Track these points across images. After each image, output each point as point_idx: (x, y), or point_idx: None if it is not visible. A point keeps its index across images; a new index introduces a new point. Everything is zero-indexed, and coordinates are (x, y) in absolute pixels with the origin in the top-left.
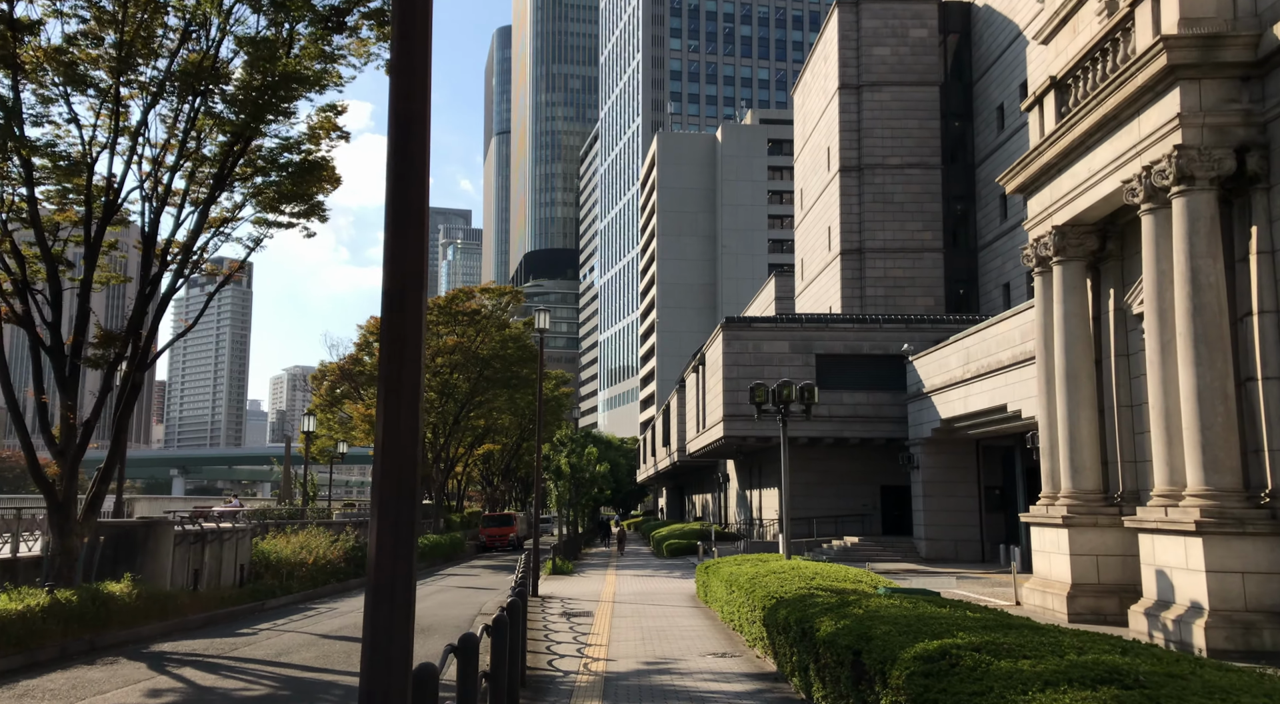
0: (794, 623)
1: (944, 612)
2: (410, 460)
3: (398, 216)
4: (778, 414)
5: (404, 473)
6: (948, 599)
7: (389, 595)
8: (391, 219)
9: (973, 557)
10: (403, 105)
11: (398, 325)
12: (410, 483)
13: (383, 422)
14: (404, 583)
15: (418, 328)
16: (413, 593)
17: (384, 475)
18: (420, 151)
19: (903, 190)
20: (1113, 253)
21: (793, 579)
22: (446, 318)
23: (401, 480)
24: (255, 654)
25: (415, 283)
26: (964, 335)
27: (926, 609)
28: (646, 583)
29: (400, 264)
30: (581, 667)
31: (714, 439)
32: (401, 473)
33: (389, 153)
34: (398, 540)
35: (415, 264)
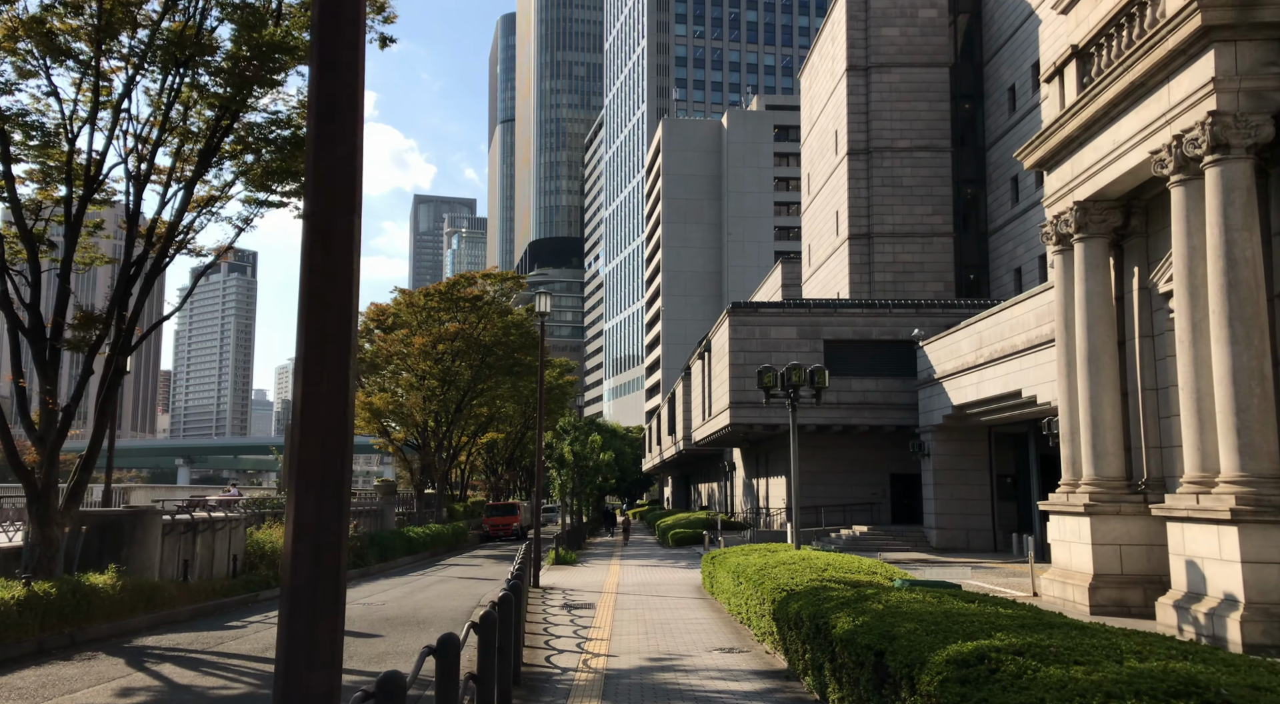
0: (807, 618)
1: (972, 607)
2: (340, 429)
3: (322, 117)
4: (786, 399)
5: (332, 443)
6: (970, 592)
7: (308, 607)
8: (315, 121)
9: (984, 546)
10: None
11: (323, 259)
12: (339, 455)
13: (302, 380)
14: (329, 586)
15: (349, 262)
16: (341, 599)
17: (303, 446)
18: (351, 29)
19: (912, 174)
20: (1137, 229)
21: (803, 570)
22: (448, 304)
23: (327, 452)
24: (241, 649)
25: (346, 203)
26: (976, 319)
27: (952, 604)
28: (651, 573)
29: (327, 179)
30: (581, 663)
31: (720, 427)
32: (328, 443)
33: (312, 34)
34: (321, 529)
35: (346, 179)
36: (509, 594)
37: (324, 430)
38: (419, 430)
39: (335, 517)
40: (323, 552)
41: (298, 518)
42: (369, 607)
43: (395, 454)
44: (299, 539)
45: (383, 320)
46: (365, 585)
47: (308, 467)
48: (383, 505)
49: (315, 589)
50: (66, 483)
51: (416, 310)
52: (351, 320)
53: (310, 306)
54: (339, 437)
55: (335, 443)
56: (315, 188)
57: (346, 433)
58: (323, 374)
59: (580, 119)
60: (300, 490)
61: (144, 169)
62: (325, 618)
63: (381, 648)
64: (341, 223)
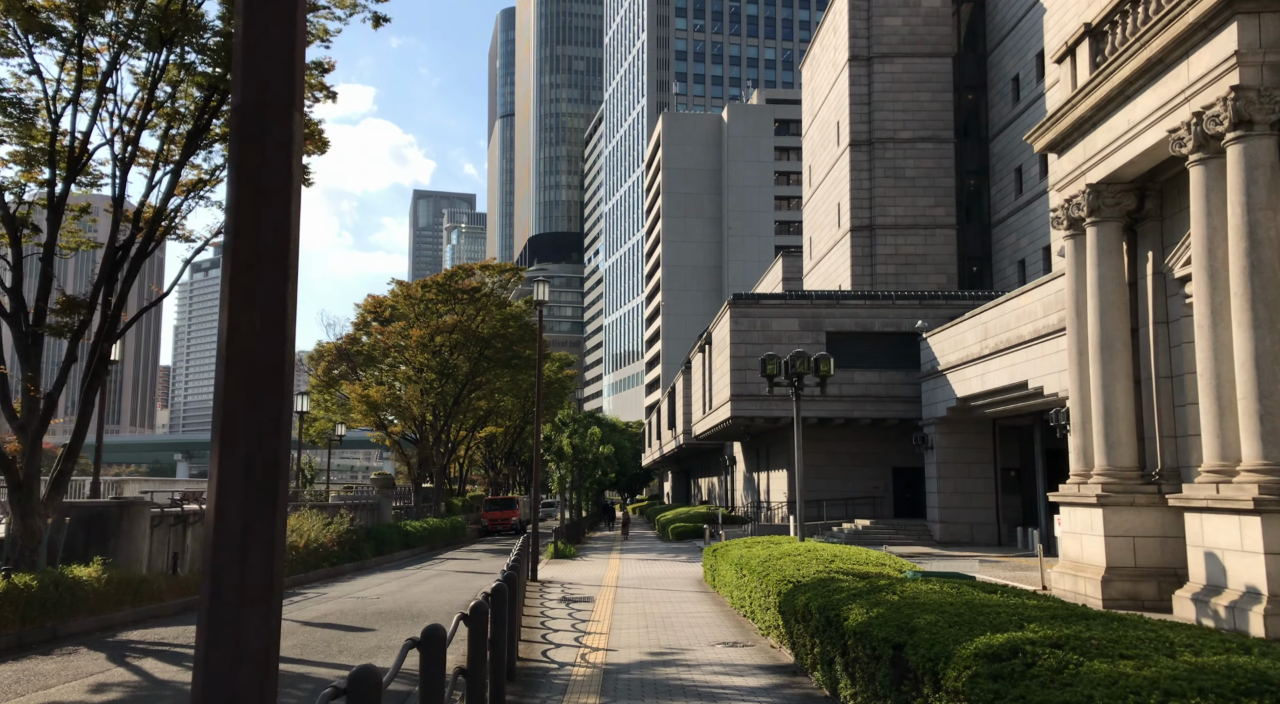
0: (816, 611)
1: (995, 598)
2: (276, 371)
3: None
4: (790, 388)
5: (266, 390)
6: (989, 583)
7: (234, 592)
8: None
9: (989, 540)
10: None
11: (256, 164)
12: (275, 406)
13: (228, 308)
14: (260, 567)
15: (287, 168)
16: (276, 584)
17: (229, 393)
18: None
19: (914, 165)
20: (1151, 212)
21: (810, 562)
22: (446, 296)
23: (261, 401)
24: None
25: (282, 96)
26: (981, 310)
27: (973, 595)
28: (651, 567)
29: (259, 66)
30: (579, 658)
31: (721, 420)
32: (261, 389)
33: None
34: (252, 497)
35: (283, 66)
36: (503, 585)
37: (256, 373)
38: (416, 424)
39: (270, 481)
40: (254, 527)
41: (222, 481)
42: (362, 600)
43: (393, 448)
44: (223, 509)
45: (380, 312)
46: (360, 579)
47: (236, 418)
48: (379, 499)
49: (243, 570)
50: (50, 473)
51: (414, 302)
52: (291, 238)
53: (240, 220)
54: (275, 383)
55: (270, 390)
56: (246, 76)
57: (284, 377)
58: (254, 302)
59: (580, 114)
60: (225, 448)
61: (129, 151)
62: (253, 605)
63: (373, 642)
64: (278, 119)
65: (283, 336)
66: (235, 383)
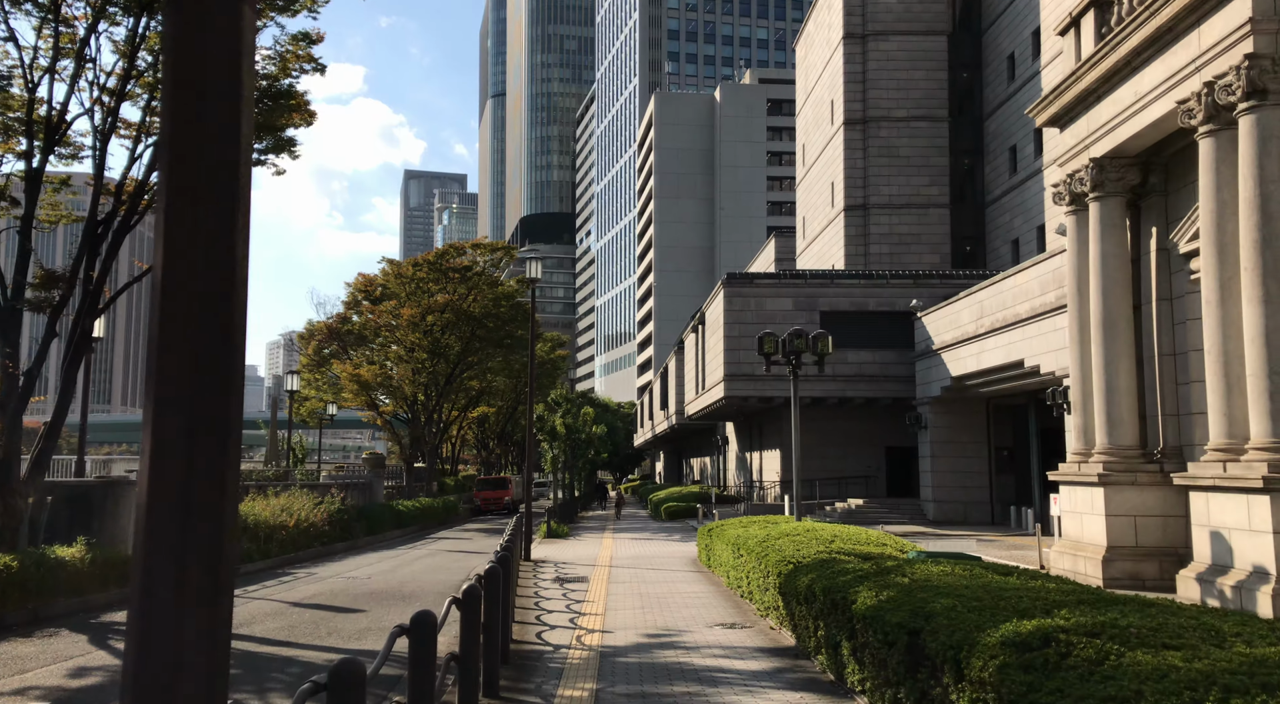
0: (821, 593)
1: (1013, 581)
2: (227, 303)
3: None
4: (788, 366)
5: (211, 330)
6: (1000, 565)
7: (170, 585)
8: None
9: (982, 519)
10: None
11: (196, 61)
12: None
13: (165, 224)
14: (204, 556)
15: (235, 71)
16: (228, 577)
17: (165, 334)
18: None
19: (908, 144)
20: (1155, 187)
21: (809, 542)
22: (437, 275)
23: (204, 344)
24: None
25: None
26: (977, 289)
27: (988, 578)
28: (645, 547)
29: None
30: (575, 640)
31: (714, 400)
32: (204, 328)
33: None
34: (194, 466)
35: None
36: (496, 567)
37: (200, 319)
38: (408, 403)
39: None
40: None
41: (156, 454)
42: (353, 580)
43: (384, 427)
44: (158, 488)
45: (370, 291)
46: (351, 558)
47: (174, 374)
48: (371, 478)
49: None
50: (30, 452)
51: (405, 281)
52: (242, 156)
53: (178, 131)
54: (222, 331)
55: (217, 340)
56: None
57: (234, 325)
58: (197, 232)
59: (572, 93)
60: (160, 407)
61: (109, 122)
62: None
63: (363, 623)
64: (223, 7)
65: (231, 276)
66: (173, 332)
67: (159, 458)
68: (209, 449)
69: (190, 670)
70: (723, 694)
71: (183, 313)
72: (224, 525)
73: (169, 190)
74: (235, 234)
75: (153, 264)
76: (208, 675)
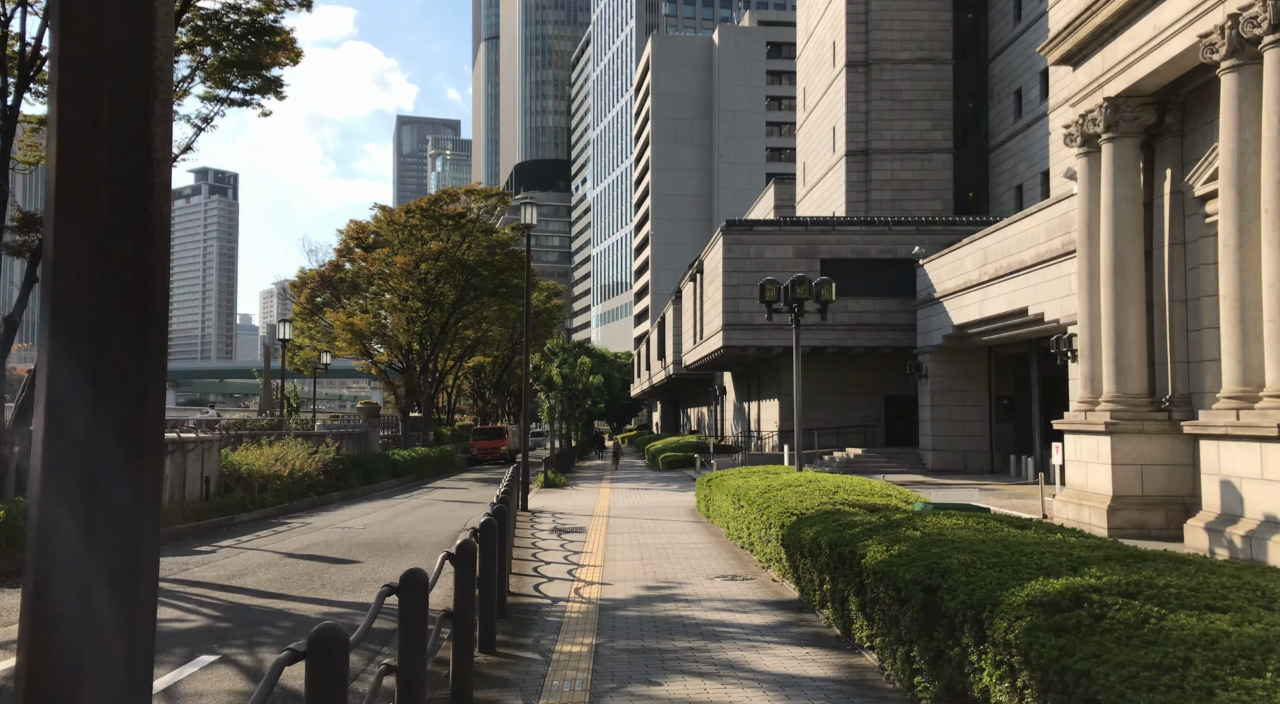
0: (827, 546)
1: (1030, 535)
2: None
3: None
4: (790, 314)
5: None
6: (1011, 517)
7: (73, 599)
8: None
9: (981, 468)
10: None
11: None
12: (142, 286)
13: (57, 118)
14: (116, 557)
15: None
16: (147, 582)
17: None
18: None
19: (912, 87)
20: (1171, 127)
21: (812, 493)
22: (430, 221)
23: (115, 278)
24: (206, 576)
25: None
26: (981, 236)
27: (1003, 531)
28: (643, 497)
29: None
30: (573, 592)
31: (712, 350)
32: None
33: None
34: (98, 443)
35: None
36: (492, 519)
37: (106, 208)
38: (403, 353)
39: (132, 390)
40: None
41: (52, 390)
42: (348, 531)
43: (379, 377)
44: (56, 433)
45: (363, 238)
46: (347, 508)
47: (72, 283)
48: (366, 428)
49: (89, 530)
50: (15, 399)
51: (398, 228)
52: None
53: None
54: (136, 226)
55: (127, 237)
56: None
57: (153, 219)
58: (99, 88)
59: (567, 36)
60: (57, 338)
61: None
62: (106, 586)
63: (358, 575)
64: None
65: (148, 150)
66: (71, 227)
67: (57, 396)
68: (122, 386)
69: (102, 667)
70: (726, 649)
71: (85, 195)
72: (144, 483)
73: (61, 36)
74: (154, 99)
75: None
76: (131, 679)
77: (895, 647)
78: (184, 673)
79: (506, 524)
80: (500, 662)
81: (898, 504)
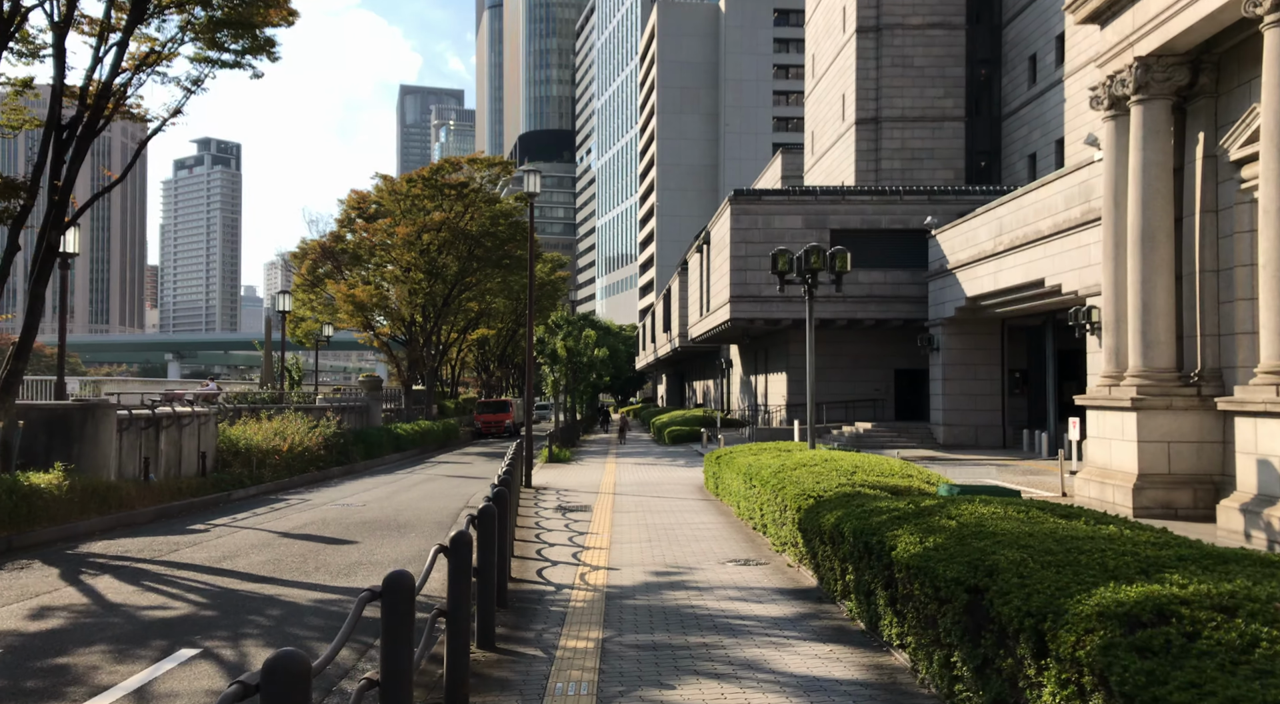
0: (850, 535)
1: (1080, 527)
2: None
3: None
4: (803, 285)
5: None
6: (1043, 502)
7: None
8: None
9: (993, 443)
10: None
11: None
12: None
13: None
14: None
15: None
16: None
17: None
18: None
19: (923, 53)
20: (1205, 88)
21: (829, 474)
22: (432, 191)
23: None
24: (196, 557)
25: None
26: (996, 205)
27: (1051, 522)
28: (649, 472)
29: None
30: (578, 578)
31: (719, 322)
32: None
33: None
34: None
35: None
36: (491, 505)
37: None
38: (405, 325)
39: None
40: None
41: None
42: (347, 508)
43: (382, 349)
44: None
45: (364, 208)
46: (348, 483)
47: None
48: (368, 401)
49: None
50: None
51: (400, 198)
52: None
53: None
54: None
55: None
56: None
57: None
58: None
59: (571, 3)
60: None
61: (67, 12)
62: None
63: (354, 556)
64: None
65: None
66: None
67: None
68: None
69: None
70: (743, 646)
71: None
72: None
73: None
74: None
75: None
76: None
77: (932, 649)
78: (160, 669)
79: (507, 508)
80: (500, 659)
81: (919, 486)
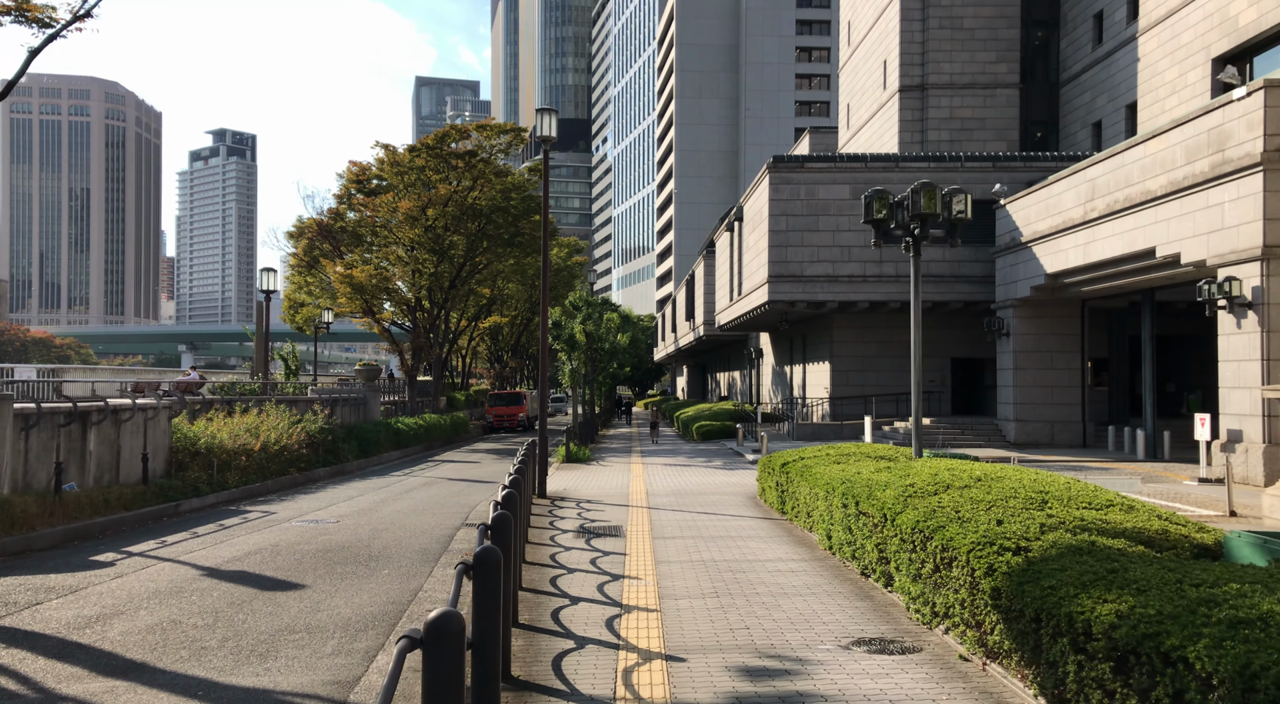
0: (1156, 655)
1: None
2: None
3: None
4: (908, 238)
5: None
6: None
7: None
8: None
9: (1071, 440)
10: None
11: None
12: None
13: None
14: None
15: None
16: None
17: None
18: None
19: (973, 14)
20: None
21: (1001, 502)
22: (437, 161)
23: None
24: (54, 619)
25: None
26: (1086, 165)
27: None
28: (684, 476)
29: None
30: (619, 683)
31: (755, 306)
32: None
33: None
34: None
35: None
36: (494, 550)
37: None
38: (409, 309)
39: None
40: None
41: None
42: (313, 527)
43: (383, 336)
44: None
45: (364, 182)
46: (331, 489)
47: None
48: (365, 392)
49: None
50: None
51: (402, 170)
52: None
53: None
54: None
55: None
56: None
57: None
58: None
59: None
60: None
61: None
62: None
63: (290, 614)
64: None
65: None
66: None
67: None
68: None
69: None
70: None
71: None
72: None
73: None
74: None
75: None
76: None
77: None
78: None
79: (511, 538)
80: None
81: (1172, 529)
